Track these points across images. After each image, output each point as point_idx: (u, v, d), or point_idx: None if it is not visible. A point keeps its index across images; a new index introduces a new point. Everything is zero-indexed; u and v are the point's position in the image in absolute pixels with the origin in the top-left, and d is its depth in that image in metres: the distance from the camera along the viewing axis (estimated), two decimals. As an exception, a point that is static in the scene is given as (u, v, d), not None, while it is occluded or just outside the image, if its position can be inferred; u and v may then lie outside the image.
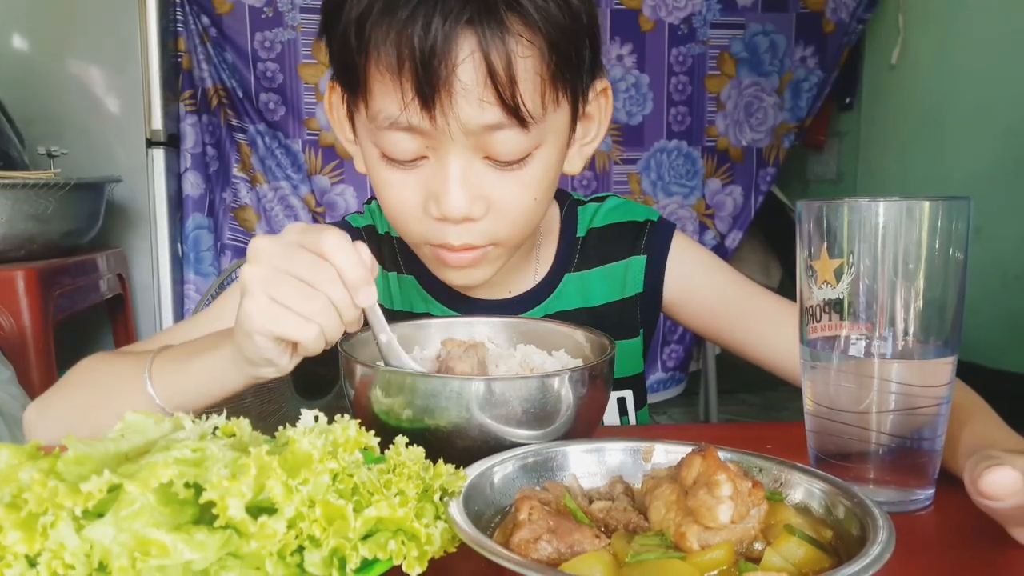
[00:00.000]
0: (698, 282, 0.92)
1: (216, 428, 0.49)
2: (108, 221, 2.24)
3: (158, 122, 2.49)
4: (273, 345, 0.59)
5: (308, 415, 0.49)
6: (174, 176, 2.61)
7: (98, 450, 0.43)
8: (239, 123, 2.67)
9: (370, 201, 0.96)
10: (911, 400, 0.54)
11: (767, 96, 2.99)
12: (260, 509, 0.39)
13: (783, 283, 2.92)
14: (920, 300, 0.53)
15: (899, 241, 0.53)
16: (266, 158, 2.70)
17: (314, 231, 0.58)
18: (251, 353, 0.60)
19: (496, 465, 0.52)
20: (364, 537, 0.40)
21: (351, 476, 0.43)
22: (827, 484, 0.49)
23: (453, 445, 0.57)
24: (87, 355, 0.80)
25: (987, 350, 2.43)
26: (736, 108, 2.98)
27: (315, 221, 2.73)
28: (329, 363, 0.67)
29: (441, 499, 0.46)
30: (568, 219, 0.94)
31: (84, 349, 0.81)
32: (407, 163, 0.72)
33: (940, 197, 0.53)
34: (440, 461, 0.47)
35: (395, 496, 0.42)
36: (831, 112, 3.37)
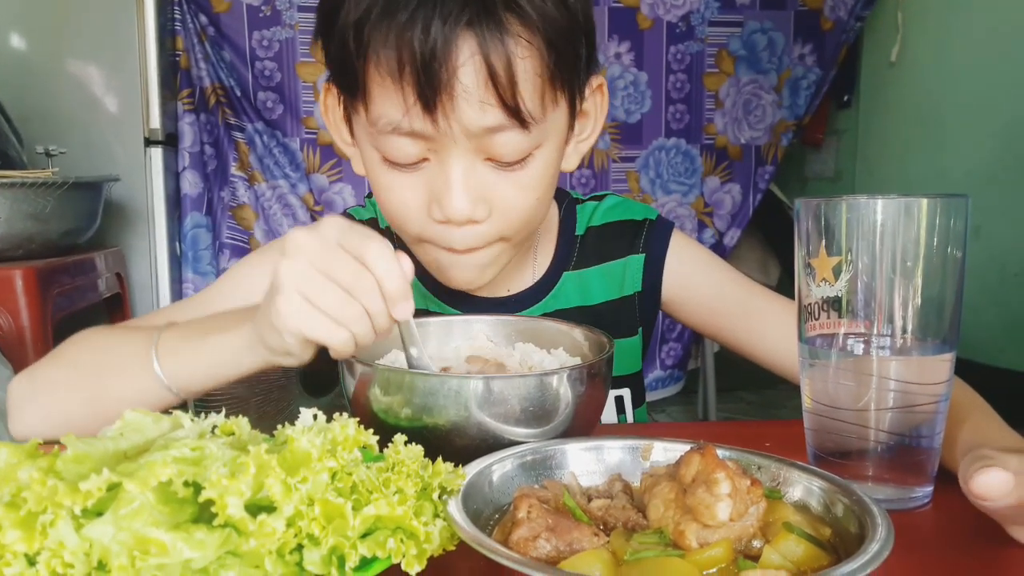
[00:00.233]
0: (697, 280, 0.92)
1: (215, 427, 0.49)
2: (106, 220, 2.24)
3: (156, 121, 2.48)
4: (300, 343, 0.59)
5: (307, 413, 0.49)
6: (172, 175, 2.61)
7: (97, 449, 0.43)
8: (237, 122, 2.67)
9: (371, 195, 0.96)
10: (909, 398, 0.54)
11: (765, 94, 2.99)
12: (259, 507, 0.39)
13: (781, 281, 2.92)
14: (918, 298, 0.54)
15: (897, 239, 0.53)
16: (264, 157, 2.70)
17: (357, 233, 0.57)
18: (275, 345, 0.60)
19: (495, 463, 0.52)
20: (363, 535, 0.40)
21: (350, 474, 0.43)
22: (826, 482, 0.49)
23: (452, 443, 0.57)
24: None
25: (985, 348, 2.43)
26: (734, 106, 2.98)
27: (313, 220, 2.73)
28: (335, 360, 0.67)
29: (440, 497, 0.46)
30: (567, 218, 0.94)
31: (82, 348, 0.80)
32: (408, 166, 0.72)
33: (938, 195, 0.53)
34: (439, 459, 0.47)
35: (394, 494, 0.42)
36: (829, 110, 3.36)
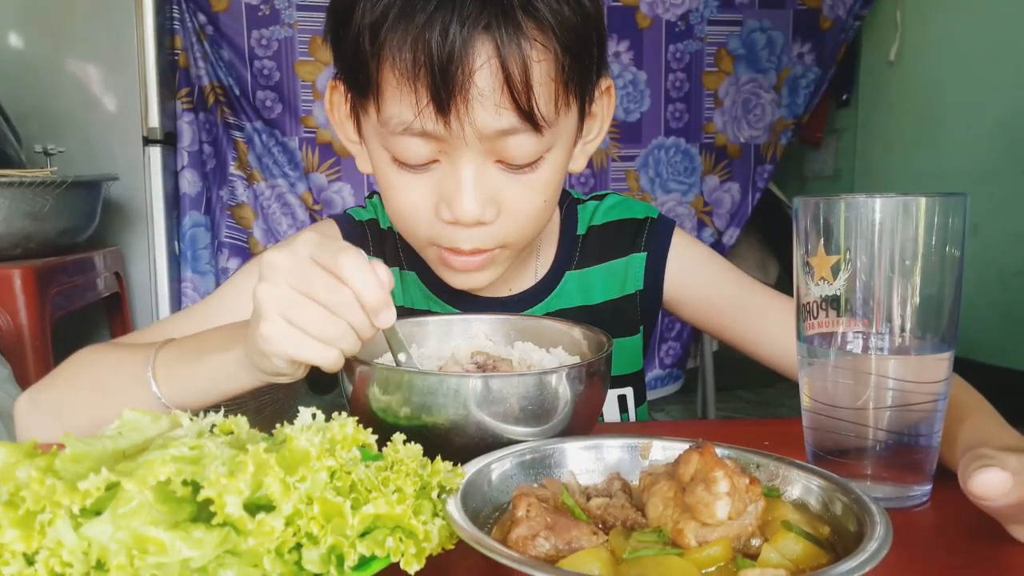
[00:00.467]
0: (698, 279, 0.92)
1: (214, 426, 0.49)
2: (105, 219, 2.24)
3: (155, 120, 2.48)
4: (289, 365, 0.59)
5: (306, 412, 0.49)
6: (171, 174, 2.61)
7: (96, 448, 0.43)
8: (236, 121, 2.67)
9: (372, 195, 0.96)
10: (908, 396, 0.54)
11: (764, 93, 2.99)
12: (258, 506, 0.39)
13: (780, 280, 2.92)
14: (917, 296, 0.54)
15: (896, 237, 0.53)
16: (263, 156, 2.70)
17: (329, 248, 0.56)
18: (266, 368, 0.61)
19: (494, 462, 0.52)
20: (362, 534, 0.40)
21: (349, 473, 0.43)
22: (824, 480, 0.49)
23: (451, 442, 0.57)
24: (84, 353, 0.79)
25: (984, 346, 2.43)
26: (734, 105, 2.98)
27: (312, 219, 2.73)
28: None
29: (439, 496, 0.46)
30: (568, 217, 0.94)
31: (81, 347, 0.80)
32: (418, 167, 0.72)
33: (937, 194, 0.53)
34: (438, 458, 0.47)
35: (393, 493, 0.42)
36: (828, 109, 3.37)
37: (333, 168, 2.75)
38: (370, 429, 0.47)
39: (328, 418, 0.48)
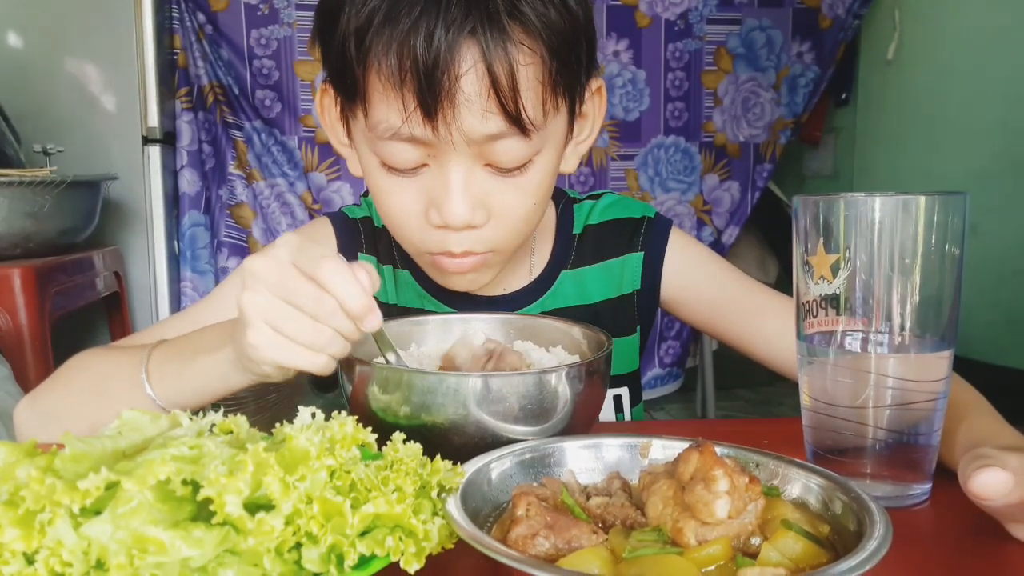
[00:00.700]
0: (696, 278, 0.92)
1: (213, 425, 0.49)
2: (104, 219, 2.24)
3: (154, 119, 2.48)
4: (278, 370, 0.59)
5: (305, 412, 0.49)
6: (170, 174, 2.61)
7: (95, 447, 0.43)
8: (235, 120, 2.66)
9: (367, 194, 0.96)
10: (908, 395, 0.54)
11: (764, 92, 2.99)
12: (258, 506, 0.39)
13: (780, 279, 2.92)
14: (916, 295, 0.54)
15: (895, 236, 0.53)
16: (262, 155, 2.70)
17: (310, 256, 0.55)
18: (256, 371, 0.61)
19: (493, 461, 0.52)
20: (362, 533, 0.40)
21: (348, 472, 0.43)
22: (824, 479, 0.49)
23: (450, 441, 0.57)
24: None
25: (983, 345, 2.43)
26: (733, 104, 2.98)
27: (311, 218, 2.73)
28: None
29: (439, 495, 0.46)
30: (564, 217, 0.94)
31: (81, 347, 0.80)
32: (407, 171, 0.72)
33: (936, 192, 0.53)
34: (438, 457, 0.47)
35: (392, 492, 0.42)
36: (827, 108, 3.36)
37: (332, 167, 2.75)
38: (369, 428, 0.47)
39: (327, 417, 0.48)
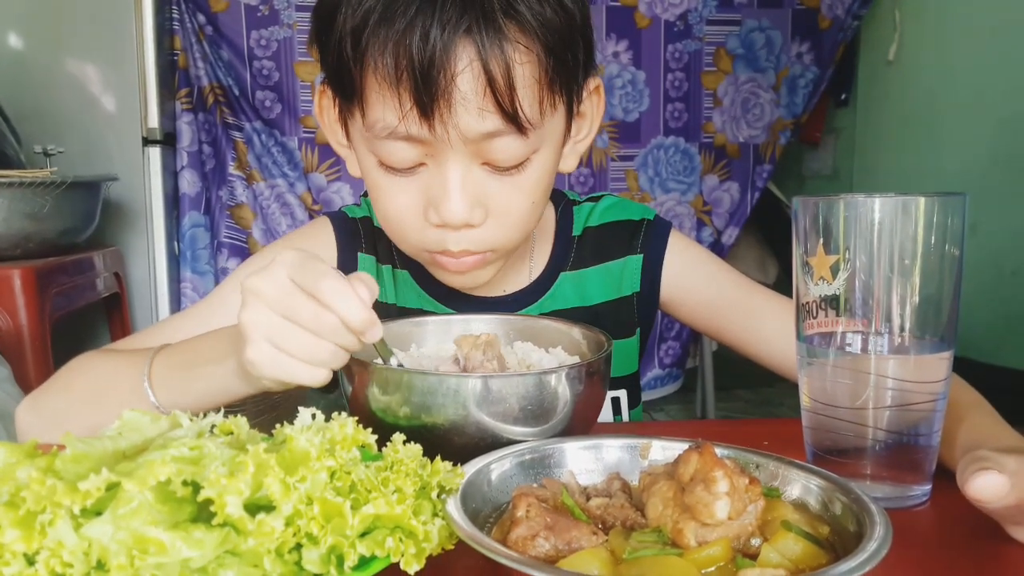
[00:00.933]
0: (695, 280, 0.92)
1: (213, 426, 0.49)
2: (104, 219, 2.24)
3: (154, 120, 2.48)
4: (280, 384, 0.60)
5: (305, 413, 0.49)
6: (170, 174, 2.61)
7: (96, 448, 0.43)
8: (235, 121, 2.67)
9: (367, 194, 0.96)
10: (907, 396, 0.54)
11: (763, 92, 2.99)
12: (258, 507, 0.39)
13: (779, 280, 2.92)
14: (916, 296, 0.54)
15: (895, 237, 0.53)
16: (262, 156, 2.70)
17: (309, 271, 0.56)
18: (257, 385, 0.62)
19: (493, 462, 0.52)
20: (362, 534, 0.40)
21: (349, 473, 0.43)
22: (824, 480, 0.49)
23: (451, 442, 0.57)
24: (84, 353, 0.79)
25: (983, 346, 2.43)
26: (733, 104, 2.98)
27: (311, 219, 2.72)
28: None
29: (439, 496, 0.46)
30: (564, 218, 0.94)
31: (81, 347, 0.80)
32: (405, 171, 0.72)
33: (936, 193, 0.53)
34: (438, 458, 0.47)
35: (393, 493, 0.42)
36: (827, 108, 3.37)
37: (332, 168, 2.75)
38: (370, 429, 0.47)
39: (328, 418, 0.48)
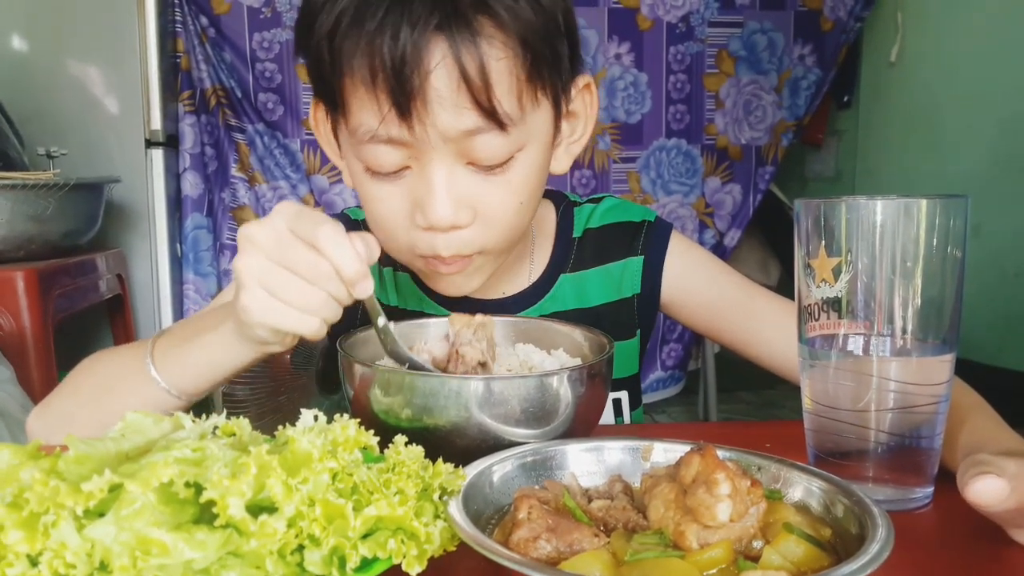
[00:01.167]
0: (696, 282, 0.92)
1: (216, 428, 0.49)
2: (107, 221, 2.24)
3: (157, 122, 2.48)
4: (273, 334, 0.61)
5: (307, 414, 0.49)
6: (173, 176, 2.61)
7: (99, 450, 0.43)
8: (238, 123, 2.67)
9: None
10: (909, 398, 0.54)
11: (766, 94, 2.99)
12: (260, 508, 0.39)
13: (782, 281, 2.92)
14: (918, 298, 0.54)
15: (897, 239, 0.53)
16: (264, 158, 2.70)
17: (308, 220, 0.57)
18: (253, 337, 0.62)
19: (495, 464, 0.52)
20: (364, 536, 0.40)
21: (351, 475, 0.43)
22: (826, 482, 0.49)
23: (452, 444, 0.57)
24: (87, 355, 0.79)
25: (985, 348, 2.43)
26: (735, 106, 2.98)
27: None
28: None
29: (440, 498, 0.46)
30: (564, 220, 0.94)
31: (84, 349, 0.81)
32: (391, 175, 0.72)
33: (938, 195, 0.53)
34: (439, 460, 0.47)
35: (394, 495, 0.42)
36: (829, 110, 3.37)
37: (335, 170, 2.75)
38: (372, 431, 0.47)
39: (330, 420, 0.48)
